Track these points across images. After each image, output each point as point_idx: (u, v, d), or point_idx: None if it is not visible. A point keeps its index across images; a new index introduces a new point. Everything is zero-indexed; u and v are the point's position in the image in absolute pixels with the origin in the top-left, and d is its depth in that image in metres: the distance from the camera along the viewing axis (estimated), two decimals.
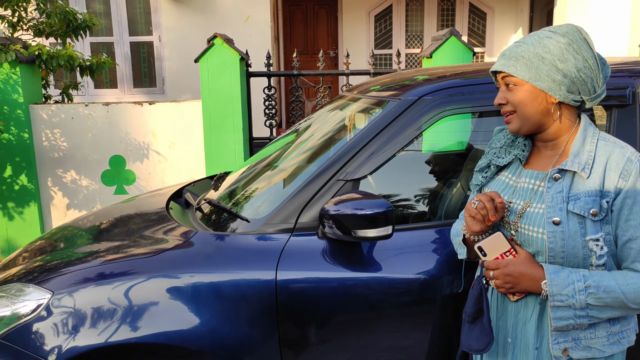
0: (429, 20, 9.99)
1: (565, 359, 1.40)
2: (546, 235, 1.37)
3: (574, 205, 1.36)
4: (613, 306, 1.35)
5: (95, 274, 1.91)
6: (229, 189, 2.40)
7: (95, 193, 4.41)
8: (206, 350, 1.80)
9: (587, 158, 1.38)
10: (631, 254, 1.36)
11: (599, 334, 1.40)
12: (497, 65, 1.45)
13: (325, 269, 1.87)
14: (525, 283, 1.39)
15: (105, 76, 8.39)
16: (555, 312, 1.36)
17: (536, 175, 1.45)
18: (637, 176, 1.35)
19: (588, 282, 1.34)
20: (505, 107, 1.45)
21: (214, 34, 4.07)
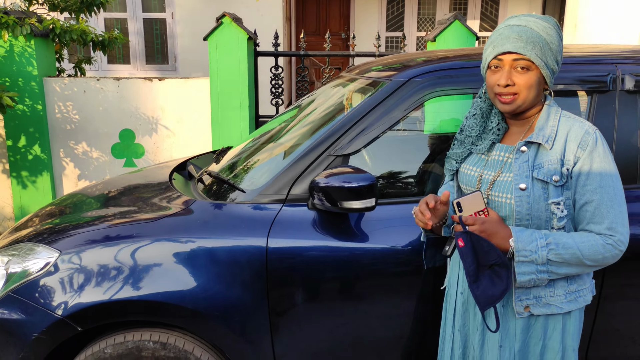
0: (441, 3, 9.95)
1: (527, 314, 1.55)
2: (514, 200, 1.53)
3: (538, 172, 1.52)
4: (570, 262, 1.50)
5: (100, 235, 2.05)
6: (229, 162, 2.52)
7: (105, 165, 4.56)
8: (201, 309, 1.94)
9: (551, 131, 1.55)
10: (587, 216, 1.52)
11: (557, 292, 1.56)
12: (511, 46, 1.49)
13: (313, 238, 1.99)
14: (496, 240, 1.52)
15: (119, 52, 8.51)
16: (520, 267, 1.50)
17: (506, 149, 1.61)
18: (593, 146, 1.51)
19: (549, 240, 1.49)
20: (512, 88, 1.52)
21: (223, 13, 4.16)
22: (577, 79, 2.05)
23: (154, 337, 2.00)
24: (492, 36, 1.58)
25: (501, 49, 1.52)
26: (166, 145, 4.52)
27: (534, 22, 1.51)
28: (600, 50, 2.20)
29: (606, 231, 1.50)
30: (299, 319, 2.01)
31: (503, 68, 1.53)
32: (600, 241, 1.50)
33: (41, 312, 1.95)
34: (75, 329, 1.94)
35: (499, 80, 1.53)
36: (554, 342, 1.58)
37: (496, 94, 1.55)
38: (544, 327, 1.57)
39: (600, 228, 1.50)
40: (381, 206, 2.06)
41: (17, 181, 4.48)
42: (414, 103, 2.07)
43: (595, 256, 1.50)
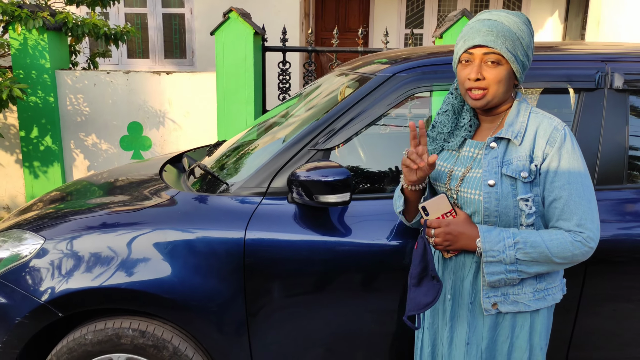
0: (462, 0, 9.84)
1: (495, 312, 1.54)
2: (482, 196, 1.50)
3: (507, 168, 1.50)
4: (539, 261, 1.48)
5: (84, 224, 2.09)
6: (219, 155, 2.55)
7: (114, 157, 4.64)
8: (177, 298, 1.97)
9: (520, 127, 1.52)
10: (556, 212, 1.50)
11: (525, 290, 1.54)
12: (482, 40, 1.48)
13: (292, 231, 2.00)
14: (463, 241, 1.52)
15: (138, 46, 8.63)
16: (488, 267, 1.49)
17: (476, 145, 1.59)
18: (562, 142, 1.49)
19: (517, 239, 1.47)
20: (482, 82, 1.50)
21: (230, 8, 4.19)
22: (565, 76, 2.01)
23: (133, 325, 2.03)
24: (463, 30, 1.56)
25: (471, 42, 1.50)
26: (173, 139, 4.58)
27: (504, 16, 1.49)
28: (591, 48, 2.16)
29: (575, 228, 1.47)
30: (276, 311, 2.02)
31: (473, 62, 1.51)
32: (569, 238, 1.47)
33: (25, 297, 2.00)
34: (57, 314, 1.99)
35: (470, 74, 1.50)
36: (521, 340, 1.56)
37: (467, 89, 1.53)
38: (511, 325, 1.56)
39: (569, 225, 1.48)
40: (363, 201, 2.05)
41: (29, 171, 4.59)
42: (397, 98, 2.05)
43: (564, 254, 1.47)
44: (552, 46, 2.27)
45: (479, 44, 1.48)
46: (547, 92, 2.10)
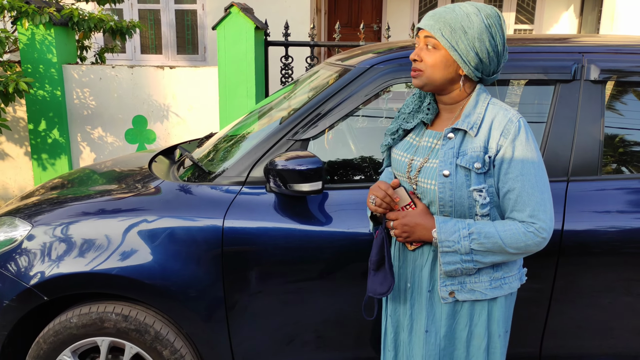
0: None
1: (452, 300, 1.57)
2: (437, 186, 1.53)
3: (462, 159, 1.52)
4: (494, 251, 1.50)
5: (71, 212, 2.16)
6: (207, 146, 2.60)
7: (120, 150, 4.73)
8: (157, 283, 2.02)
9: (476, 119, 1.53)
10: (510, 204, 1.51)
11: (482, 278, 1.56)
12: (423, 23, 1.54)
13: (270, 219, 2.04)
14: (419, 232, 1.55)
15: (152, 42, 8.75)
16: (444, 257, 1.52)
17: (435, 135, 1.61)
18: (515, 134, 1.49)
19: (471, 229, 1.50)
20: (419, 64, 1.55)
21: (231, 3, 4.24)
22: (541, 68, 2.02)
23: (116, 310, 2.10)
24: None
25: (418, 25, 1.56)
26: (177, 132, 4.65)
27: (460, 6, 1.51)
28: (569, 40, 2.15)
29: (528, 219, 1.49)
30: (254, 298, 2.07)
31: (419, 44, 1.56)
32: (522, 229, 1.49)
33: (12, 281, 2.08)
34: (42, 298, 2.06)
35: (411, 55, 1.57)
36: (480, 328, 1.58)
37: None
38: (469, 313, 1.58)
39: (523, 215, 1.49)
40: (340, 191, 2.09)
41: (37, 163, 4.71)
42: (374, 89, 2.08)
43: (517, 244, 1.49)
44: (531, 39, 2.27)
45: (420, 27, 1.55)
46: (524, 84, 2.10)
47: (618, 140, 2.08)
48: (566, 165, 1.96)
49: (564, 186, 1.95)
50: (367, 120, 2.89)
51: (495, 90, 2.32)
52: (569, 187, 1.95)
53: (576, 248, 1.93)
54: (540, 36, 2.29)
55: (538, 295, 1.98)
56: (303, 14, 7.90)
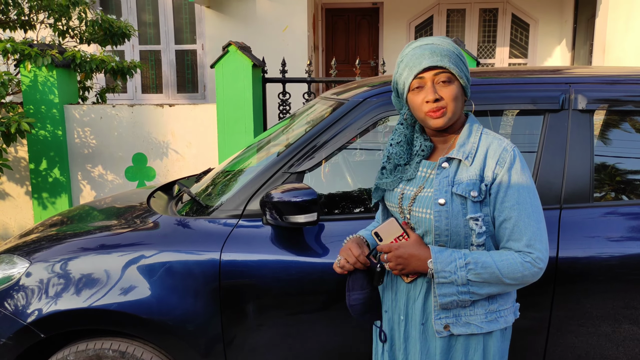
0: (470, 31, 9.97)
1: (447, 333, 1.53)
2: (433, 215, 1.51)
3: (457, 187, 1.51)
4: (490, 282, 1.48)
5: (69, 248, 2.18)
6: (205, 181, 2.63)
7: (120, 187, 4.77)
8: (154, 318, 2.02)
9: (471, 148, 1.54)
10: (506, 233, 1.50)
11: (477, 311, 1.52)
12: (432, 61, 1.49)
13: (267, 252, 2.05)
14: (414, 263, 1.52)
15: (152, 82, 8.91)
16: (440, 289, 1.49)
17: (429, 165, 1.60)
18: (511, 163, 1.51)
19: (468, 259, 1.48)
20: (441, 102, 1.50)
21: (229, 42, 4.34)
22: (530, 98, 2.06)
23: (113, 346, 2.09)
24: (402, 62, 1.56)
25: (420, 67, 1.50)
26: (176, 169, 4.70)
27: (438, 39, 1.54)
28: (556, 71, 2.21)
29: (525, 248, 1.47)
30: (253, 332, 2.06)
31: (426, 85, 1.51)
32: (518, 259, 1.47)
33: (9, 319, 2.07)
34: (39, 335, 2.06)
35: (427, 96, 1.50)
36: None
37: (426, 112, 1.52)
38: (464, 348, 1.54)
39: (519, 245, 1.48)
40: (337, 222, 2.10)
41: (37, 202, 4.74)
42: (367, 122, 2.12)
43: (514, 274, 1.47)
44: (520, 70, 2.32)
45: (429, 65, 1.50)
46: (515, 114, 2.15)
47: (608, 168, 2.11)
48: (558, 193, 1.98)
49: (557, 214, 1.97)
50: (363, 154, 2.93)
51: (488, 121, 2.36)
52: (562, 215, 1.97)
53: (572, 275, 1.93)
54: (529, 68, 2.35)
55: (536, 325, 1.97)
56: (301, 51, 8.06)
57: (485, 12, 9.92)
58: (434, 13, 10.03)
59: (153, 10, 8.72)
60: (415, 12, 10.04)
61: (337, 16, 10.50)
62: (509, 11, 9.82)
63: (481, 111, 2.09)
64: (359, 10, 10.36)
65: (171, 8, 8.67)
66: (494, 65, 10.04)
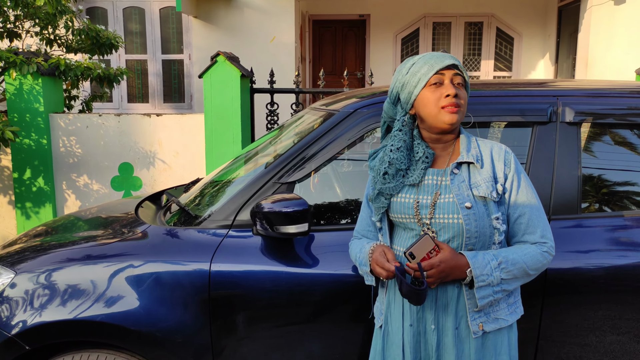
0: (455, 44, 10.09)
1: (481, 332, 1.61)
2: (462, 219, 1.58)
3: (478, 190, 1.60)
4: (518, 276, 1.60)
5: (55, 259, 2.15)
6: (194, 191, 2.61)
7: (105, 197, 4.72)
8: (143, 329, 1.99)
9: (476, 152, 1.65)
10: (521, 228, 1.64)
11: (501, 306, 1.64)
12: (454, 61, 1.60)
13: (257, 262, 2.04)
14: (456, 274, 1.57)
15: (138, 91, 8.87)
16: (480, 292, 1.57)
17: (437, 172, 1.65)
18: (516, 164, 1.66)
19: (499, 259, 1.57)
20: (458, 100, 1.59)
21: (217, 52, 4.34)
22: (520, 110, 2.09)
23: (100, 358, 2.06)
24: (417, 63, 1.63)
25: (443, 63, 1.59)
26: (163, 179, 4.66)
27: (441, 52, 1.64)
28: (543, 84, 2.24)
29: (540, 239, 1.62)
30: (242, 342, 2.04)
31: (444, 83, 1.60)
32: (538, 250, 1.61)
33: None
34: (24, 347, 2.02)
35: (447, 91, 1.58)
36: (503, 356, 1.63)
37: (442, 106, 1.58)
38: (494, 344, 1.62)
39: (535, 237, 1.62)
40: (328, 232, 2.10)
41: (21, 212, 4.67)
42: (358, 132, 2.13)
43: (537, 265, 1.60)
44: (508, 83, 2.35)
45: (452, 63, 1.59)
46: (503, 126, 2.17)
47: (595, 179, 2.14)
48: (547, 204, 2.00)
49: None
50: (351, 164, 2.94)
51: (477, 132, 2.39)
52: (551, 226, 1.99)
53: (560, 286, 1.95)
54: (517, 81, 2.38)
55: (525, 336, 1.98)
56: (289, 62, 8.09)
57: (470, 25, 10.05)
58: (420, 26, 10.14)
59: (140, 20, 8.69)
60: (402, 25, 10.14)
61: (324, 27, 10.56)
62: (493, 25, 9.96)
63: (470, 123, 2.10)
64: (346, 22, 10.44)
65: (158, 17, 8.66)
66: (479, 77, 10.16)
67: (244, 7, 8.17)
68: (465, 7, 9.84)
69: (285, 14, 8.12)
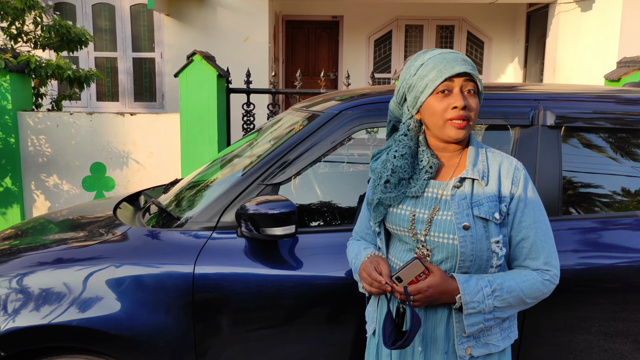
0: (427, 46, 10.20)
1: (468, 357, 1.49)
2: (457, 241, 1.44)
3: (479, 210, 1.46)
4: (513, 304, 1.47)
5: (30, 262, 2.07)
6: (174, 192, 2.57)
7: (76, 198, 4.60)
8: (124, 334, 1.95)
9: (483, 167, 1.49)
10: (523, 252, 1.50)
11: (494, 331, 1.51)
12: (466, 67, 1.43)
13: (241, 264, 2.01)
14: (444, 299, 1.45)
15: (108, 89, 8.69)
16: (469, 319, 1.45)
17: (438, 185, 1.51)
18: (525, 182, 1.50)
19: (494, 287, 1.45)
20: (467, 112, 1.44)
21: (194, 51, 4.29)
22: (502, 114, 2.12)
23: None
24: (426, 65, 1.47)
25: (453, 70, 1.42)
26: (136, 179, 4.58)
27: (451, 52, 1.48)
28: (525, 88, 2.28)
29: (543, 266, 1.48)
30: (226, 346, 2.01)
31: (453, 91, 1.44)
32: (539, 278, 1.48)
33: None
34: None
35: (456, 102, 1.43)
36: None
37: (448, 119, 1.44)
38: None
39: (537, 264, 1.49)
40: (311, 234, 2.09)
41: None
42: (343, 134, 2.13)
43: (535, 294, 1.48)
44: (490, 86, 2.38)
45: (463, 71, 1.43)
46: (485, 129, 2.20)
47: (576, 182, 2.18)
48: None
49: None
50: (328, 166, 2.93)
51: None
52: None
53: None
54: (497, 84, 2.42)
55: None
56: (262, 62, 8.05)
57: (442, 28, 10.19)
58: (392, 28, 10.22)
59: (110, 17, 8.52)
60: (375, 27, 10.20)
61: (297, 28, 10.55)
62: (464, 29, 10.11)
63: None
64: (319, 23, 10.45)
65: (128, 14, 8.50)
66: None
67: (217, 5, 8.09)
68: (437, 10, 9.97)
69: (259, 14, 8.08)
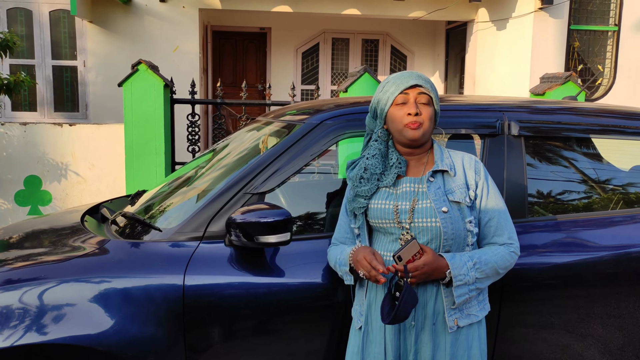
0: (353, 59, 10.50)
1: (456, 327, 1.76)
2: (440, 223, 1.74)
3: (453, 196, 1.77)
4: (490, 275, 1.78)
5: (2, 279, 1.96)
6: (145, 203, 2.51)
7: (8, 213, 4.33)
8: (113, 350, 1.89)
9: (449, 162, 1.83)
10: (491, 230, 1.82)
11: (473, 303, 1.80)
12: (417, 81, 1.77)
13: (230, 274, 2.02)
14: (436, 274, 1.72)
15: (25, 98, 8.19)
16: (457, 290, 1.73)
17: (413, 180, 1.82)
18: (485, 172, 1.86)
19: (474, 260, 1.75)
20: (419, 117, 1.76)
21: (139, 60, 4.19)
22: (472, 124, 2.28)
23: None
24: (388, 83, 1.82)
25: (407, 84, 1.77)
26: (76, 192, 4.38)
27: (421, 73, 1.82)
28: (491, 100, 2.47)
29: (508, 240, 1.81)
30: (218, 355, 2.01)
31: (409, 101, 1.77)
32: (506, 250, 1.80)
33: None
34: None
35: (409, 110, 1.75)
36: (474, 349, 1.78)
37: (405, 124, 1.76)
38: (467, 338, 1.77)
39: (503, 239, 1.81)
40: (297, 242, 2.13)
41: None
42: (325, 144, 2.20)
43: (505, 264, 1.79)
44: (454, 97, 2.56)
45: (416, 84, 1.77)
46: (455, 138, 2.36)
47: (539, 186, 2.39)
48: None
49: None
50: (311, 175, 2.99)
51: None
52: None
53: (514, 284, 2.14)
54: (462, 96, 2.59)
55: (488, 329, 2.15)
56: (192, 73, 7.93)
57: (367, 42, 10.53)
58: (320, 41, 10.43)
59: (27, 22, 8.05)
60: (302, 39, 10.36)
61: (224, 39, 10.49)
62: (388, 43, 10.52)
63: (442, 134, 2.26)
64: (247, 35, 10.46)
65: (47, 20, 8.08)
66: None
67: (144, 14, 7.90)
68: (362, 25, 10.30)
69: (189, 24, 7.97)
